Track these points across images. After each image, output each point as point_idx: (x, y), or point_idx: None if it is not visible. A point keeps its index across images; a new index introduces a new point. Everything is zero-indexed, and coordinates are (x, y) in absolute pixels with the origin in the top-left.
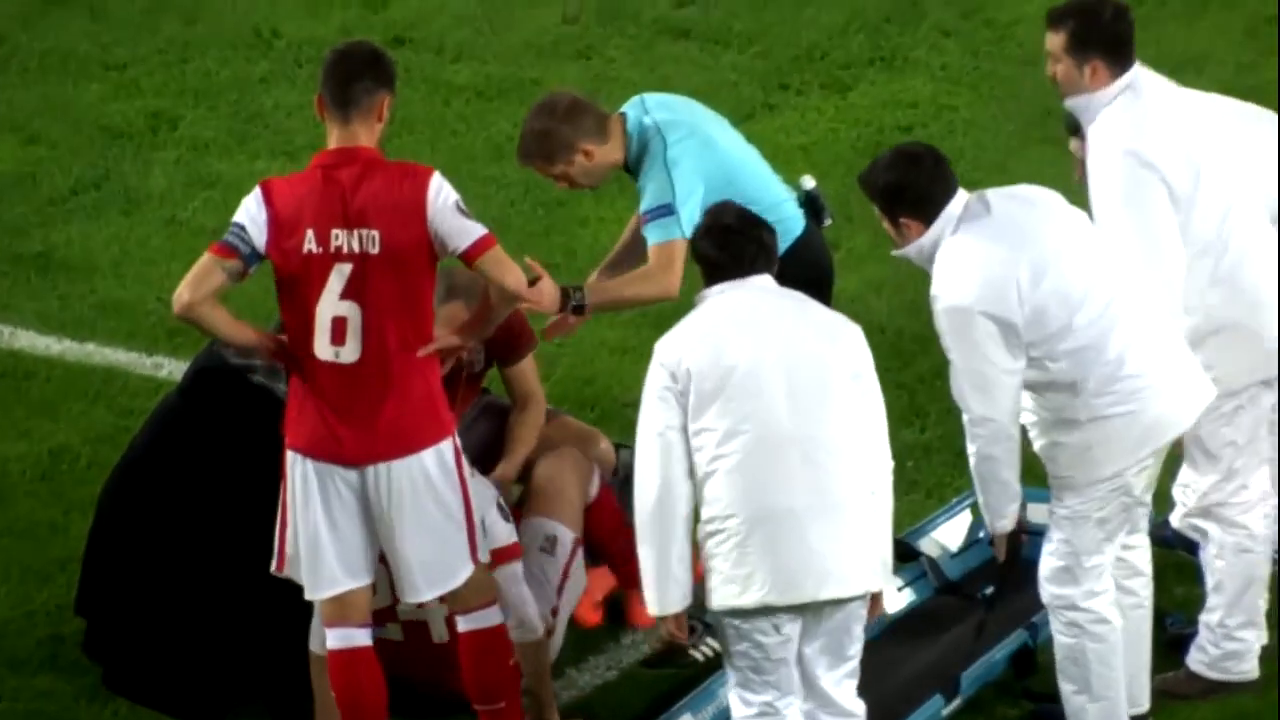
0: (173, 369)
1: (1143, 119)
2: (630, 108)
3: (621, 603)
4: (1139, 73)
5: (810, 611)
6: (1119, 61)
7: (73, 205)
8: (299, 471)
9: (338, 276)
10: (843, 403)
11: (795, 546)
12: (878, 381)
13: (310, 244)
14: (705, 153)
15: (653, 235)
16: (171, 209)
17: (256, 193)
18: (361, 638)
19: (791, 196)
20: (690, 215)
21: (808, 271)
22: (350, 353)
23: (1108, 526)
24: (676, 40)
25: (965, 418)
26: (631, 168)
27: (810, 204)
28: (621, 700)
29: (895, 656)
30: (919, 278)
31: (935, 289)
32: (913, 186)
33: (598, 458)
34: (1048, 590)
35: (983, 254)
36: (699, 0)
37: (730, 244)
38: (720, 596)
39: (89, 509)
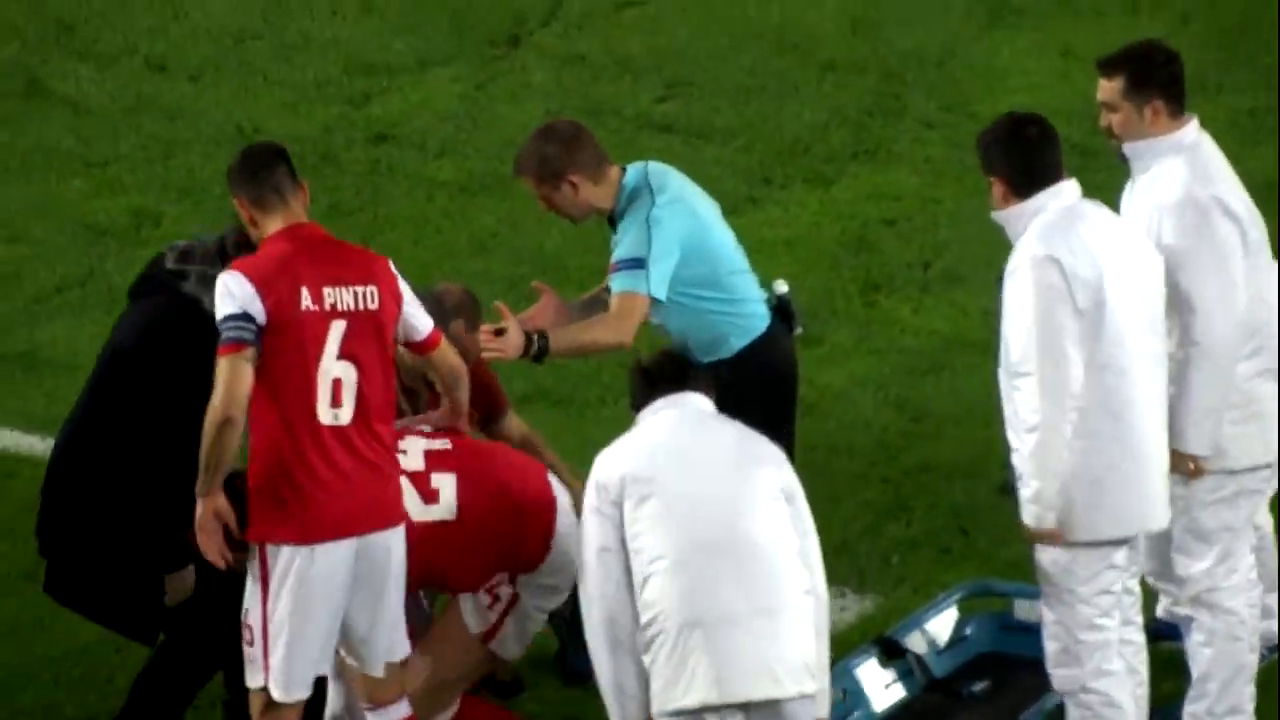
0: None
1: (1215, 172)
2: (632, 167)
3: None
4: (1199, 134)
5: (753, 711)
6: (1177, 102)
7: (57, 303)
8: (297, 563)
9: (335, 334)
10: (774, 513)
11: (733, 647)
12: (806, 502)
13: (306, 301)
14: (688, 223)
15: (618, 284)
16: None
17: (235, 277)
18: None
19: (761, 296)
20: (660, 275)
21: (762, 371)
22: (346, 414)
23: (1099, 602)
24: (659, 134)
25: (1024, 386)
26: (615, 220)
27: (781, 309)
28: None
29: None
30: (903, 373)
31: (1013, 261)
32: (1010, 147)
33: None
34: (1055, 676)
35: (1065, 242)
36: (681, 95)
37: (666, 359)
38: (662, 701)
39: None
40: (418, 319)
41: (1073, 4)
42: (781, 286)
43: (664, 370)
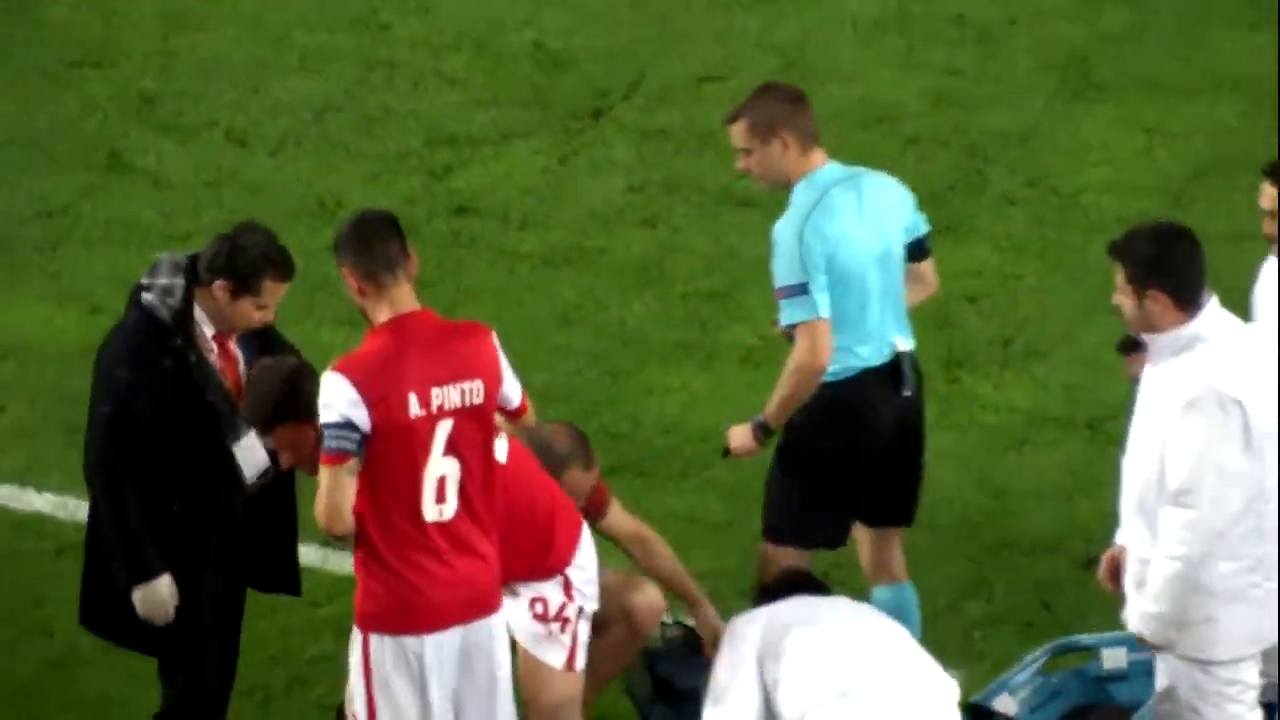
0: None
1: None
2: (836, 165)
3: None
4: None
5: None
6: None
7: None
8: (408, 655)
9: (441, 434)
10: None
11: None
12: None
13: (415, 408)
14: (833, 251)
15: (789, 315)
16: None
17: (339, 381)
18: None
19: (875, 349)
20: (823, 295)
21: (832, 409)
22: (450, 509)
23: (1245, 697)
24: (741, 209)
25: (1181, 516)
26: (790, 198)
27: (893, 366)
28: None
29: None
30: (984, 450)
31: (1192, 389)
32: (1172, 259)
33: (642, 606)
34: None
35: (1245, 381)
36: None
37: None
38: None
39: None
40: (510, 390)
41: (1155, 81)
42: (902, 345)
43: (780, 587)
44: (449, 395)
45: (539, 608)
